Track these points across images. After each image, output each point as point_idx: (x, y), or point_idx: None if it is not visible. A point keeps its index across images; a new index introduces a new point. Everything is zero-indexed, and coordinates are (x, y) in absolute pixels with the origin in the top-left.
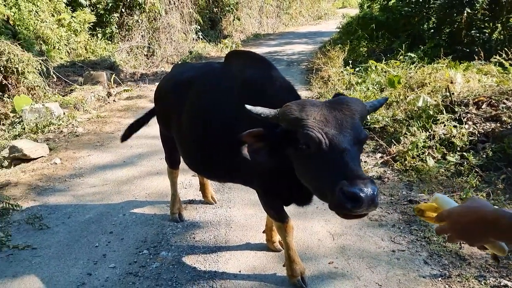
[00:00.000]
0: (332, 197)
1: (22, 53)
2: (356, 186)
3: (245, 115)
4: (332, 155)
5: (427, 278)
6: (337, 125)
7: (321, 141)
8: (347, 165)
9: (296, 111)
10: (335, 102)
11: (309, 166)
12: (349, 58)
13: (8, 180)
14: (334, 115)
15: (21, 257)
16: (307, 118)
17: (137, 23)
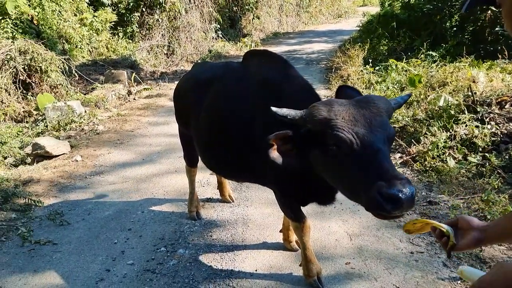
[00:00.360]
0: (368, 198)
1: (45, 52)
2: (395, 187)
3: (262, 114)
4: (365, 155)
5: (446, 280)
6: (367, 124)
7: (352, 142)
8: (382, 165)
9: (324, 111)
10: (361, 101)
11: (340, 168)
12: (369, 57)
13: (31, 176)
14: (363, 113)
15: (42, 252)
16: (336, 118)
17: (158, 22)
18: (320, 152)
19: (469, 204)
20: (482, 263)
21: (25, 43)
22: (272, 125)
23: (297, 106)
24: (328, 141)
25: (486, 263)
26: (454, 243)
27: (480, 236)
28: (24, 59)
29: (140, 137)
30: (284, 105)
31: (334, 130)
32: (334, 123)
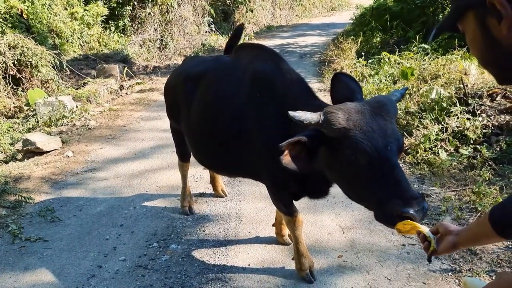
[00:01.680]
0: (383, 212)
1: (35, 47)
2: (411, 207)
3: (255, 108)
4: (383, 170)
5: (437, 272)
6: (383, 135)
7: (371, 156)
8: (400, 183)
9: (343, 120)
10: (375, 106)
11: (354, 177)
12: (362, 50)
13: (22, 173)
14: (378, 123)
15: (33, 249)
16: (355, 128)
17: (150, 15)
18: (333, 156)
19: (461, 196)
20: (473, 254)
21: (14, 37)
22: (266, 118)
23: (289, 99)
24: (345, 150)
25: (477, 255)
26: (435, 248)
27: (455, 240)
28: (13, 54)
29: (132, 132)
30: (276, 97)
31: (353, 142)
32: (353, 134)
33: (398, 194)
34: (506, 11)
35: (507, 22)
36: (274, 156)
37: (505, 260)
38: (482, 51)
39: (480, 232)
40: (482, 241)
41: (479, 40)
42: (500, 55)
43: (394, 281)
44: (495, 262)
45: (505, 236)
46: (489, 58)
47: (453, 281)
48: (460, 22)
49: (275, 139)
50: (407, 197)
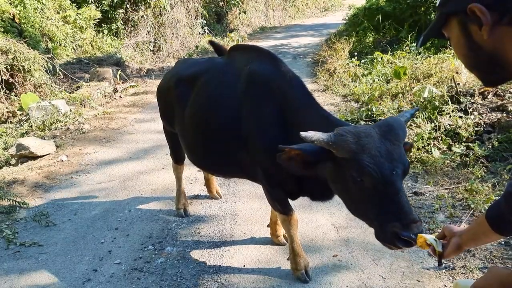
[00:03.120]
0: (382, 232)
1: (28, 51)
2: (411, 231)
3: (251, 109)
4: (386, 193)
5: (431, 270)
6: (390, 159)
7: (377, 180)
8: (402, 207)
9: (352, 144)
10: (384, 130)
11: (358, 196)
12: (355, 50)
13: (15, 177)
14: (386, 147)
15: (27, 254)
16: (363, 152)
17: (143, 18)
18: (338, 173)
19: (454, 194)
20: (466, 251)
21: (6, 42)
22: (264, 119)
23: (289, 101)
24: (351, 171)
25: (470, 251)
26: (440, 251)
27: (459, 241)
28: (6, 59)
29: (126, 135)
30: (273, 98)
31: (360, 165)
32: (361, 157)
33: (399, 217)
34: (485, 17)
35: (486, 28)
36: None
37: (498, 256)
38: (466, 56)
39: (479, 231)
40: (482, 239)
41: (462, 45)
42: (483, 59)
43: (388, 279)
44: (488, 258)
45: (502, 233)
46: (472, 62)
47: (446, 278)
48: (444, 29)
49: (272, 139)
50: (407, 221)
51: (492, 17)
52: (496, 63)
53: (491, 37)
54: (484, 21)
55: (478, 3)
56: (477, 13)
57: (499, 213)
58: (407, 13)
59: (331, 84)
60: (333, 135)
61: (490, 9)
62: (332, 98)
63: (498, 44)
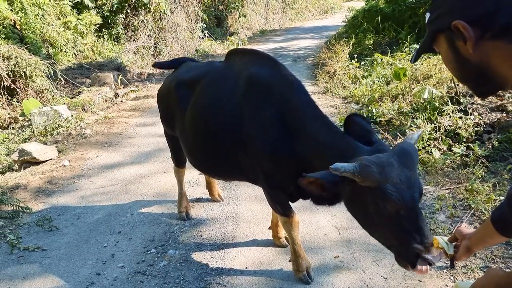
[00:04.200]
0: (404, 255)
1: (29, 57)
2: (432, 254)
3: (251, 112)
4: (408, 218)
5: (432, 270)
6: (409, 186)
7: (400, 207)
8: (422, 230)
9: (377, 174)
10: (402, 157)
11: (380, 221)
12: (354, 52)
13: (18, 183)
14: (406, 174)
15: (31, 258)
16: (387, 181)
17: (143, 23)
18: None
19: (454, 194)
20: None
21: (8, 48)
22: (265, 122)
23: (288, 105)
24: (375, 198)
25: None
26: (451, 254)
27: (468, 244)
28: (7, 65)
29: (128, 139)
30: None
31: (384, 193)
32: (386, 187)
33: (420, 240)
34: (468, 33)
35: (470, 43)
36: (271, 158)
37: (498, 256)
38: (455, 69)
39: (486, 233)
40: (489, 241)
41: (451, 60)
42: (471, 72)
43: (390, 280)
44: (489, 258)
45: (507, 235)
46: (462, 75)
47: (448, 278)
48: (435, 45)
49: (273, 142)
50: (428, 244)
51: (475, 33)
52: (484, 76)
53: (476, 51)
54: (468, 36)
55: (462, 20)
56: (461, 29)
57: (503, 216)
58: (406, 15)
59: (331, 86)
60: (359, 166)
61: (472, 25)
62: (332, 100)
63: (484, 58)
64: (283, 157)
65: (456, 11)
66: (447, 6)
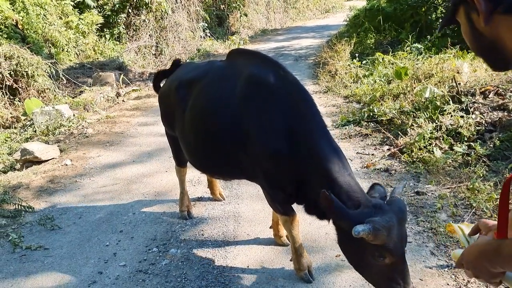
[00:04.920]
0: None
1: (31, 57)
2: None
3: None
4: (398, 268)
5: (434, 269)
6: (402, 240)
7: (396, 260)
8: (406, 277)
9: (385, 236)
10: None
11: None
12: (356, 51)
13: (20, 182)
14: (401, 232)
15: (33, 257)
16: (391, 240)
17: (144, 22)
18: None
19: (456, 193)
20: None
21: (10, 48)
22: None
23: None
24: (377, 252)
25: None
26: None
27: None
28: (10, 65)
29: (130, 138)
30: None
31: (386, 250)
32: (389, 245)
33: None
34: (480, 6)
35: (482, 16)
36: (272, 158)
37: None
38: (471, 42)
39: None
40: None
41: (467, 32)
42: (485, 46)
43: None
44: None
45: None
46: (476, 48)
47: (449, 277)
48: (457, 16)
49: (274, 142)
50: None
51: (487, 6)
52: (496, 50)
53: (488, 25)
54: (480, 9)
55: None
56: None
57: None
58: (407, 14)
59: (332, 85)
60: (372, 229)
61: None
62: (333, 99)
63: (494, 31)
64: (283, 157)
65: None
66: None
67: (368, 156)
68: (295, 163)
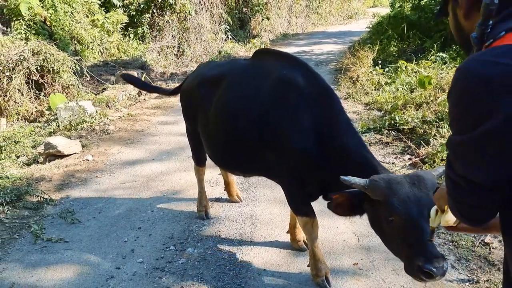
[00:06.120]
0: (409, 266)
1: (57, 53)
2: (432, 265)
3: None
4: (413, 234)
5: (454, 282)
6: (417, 203)
7: (404, 220)
8: (425, 245)
9: (384, 189)
10: (413, 179)
11: (390, 233)
12: (378, 58)
13: (43, 175)
14: (414, 193)
15: (54, 249)
16: (394, 196)
17: (168, 23)
18: (374, 212)
19: None
20: (491, 265)
21: (38, 44)
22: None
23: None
24: (384, 211)
25: (495, 265)
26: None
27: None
28: (37, 60)
29: (150, 137)
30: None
31: (391, 206)
32: (392, 200)
33: (423, 253)
34: (461, 1)
35: (461, 11)
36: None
37: None
38: (455, 34)
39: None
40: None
41: (452, 25)
42: (464, 39)
43: None
44: None
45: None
46: (459, 41)
47: None
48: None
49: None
50: (430, 256)
51: (468, 2)
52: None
53: (468, 20)
54: (460, 4)
55: None
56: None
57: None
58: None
59: (353, 91)
60: (368, 181)
61: None
62: (354, 106)
63: (472, 29)
64: (310, 155)
65: None
66: None
67: (389, 165)
68: (320, 161)
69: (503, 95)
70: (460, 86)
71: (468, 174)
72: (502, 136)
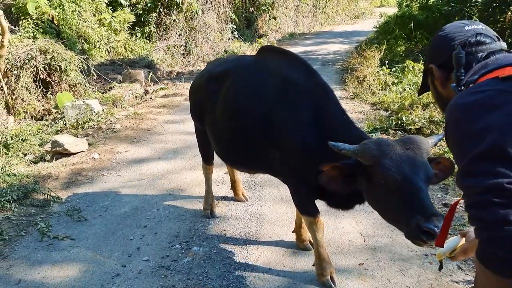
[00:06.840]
0: (408, 228)
1: (65, 52)
2: (431, 222)
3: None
4: (408, 192)
5: (460, 283)
6: (410, 164)
7: (398, 180)
8: (423, 202)
9: (374, 150)
10: (406, 141)
11: (385, 199)
12: (385, 58)
13: (50, 173)
14: (407, 154)
15: (60, 246)
16: (385, 157)
17: (175, 22)
18: (367, 181)
19: None
20: None
21: (45, 42)
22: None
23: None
24: (376, 176)
25: None
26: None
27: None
28: (44, 58)
29: (156, 135)
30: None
31: (383, 167)
32: (383, 161)
33: (421, 212)
34: (436, 74)
35: (438, 82)
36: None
37: None
38: (436, 102)
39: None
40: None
41: (433, 94)
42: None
43: None
44: None
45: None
46: (440, 107)
47: None
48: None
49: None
50: (428, 214)
51: (443, 74)
52: None
53: (445, 88)
54: (436, 76)
55: (434, 64)
56: (433, 71)
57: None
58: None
59: (360, 91)
60: (358, 145)
61: (441, 68)
62: (360, 106)
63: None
64: (311, 150)
65: (430, 58)
66: (428, 54)
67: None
68: (322, 155)
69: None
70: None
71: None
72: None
